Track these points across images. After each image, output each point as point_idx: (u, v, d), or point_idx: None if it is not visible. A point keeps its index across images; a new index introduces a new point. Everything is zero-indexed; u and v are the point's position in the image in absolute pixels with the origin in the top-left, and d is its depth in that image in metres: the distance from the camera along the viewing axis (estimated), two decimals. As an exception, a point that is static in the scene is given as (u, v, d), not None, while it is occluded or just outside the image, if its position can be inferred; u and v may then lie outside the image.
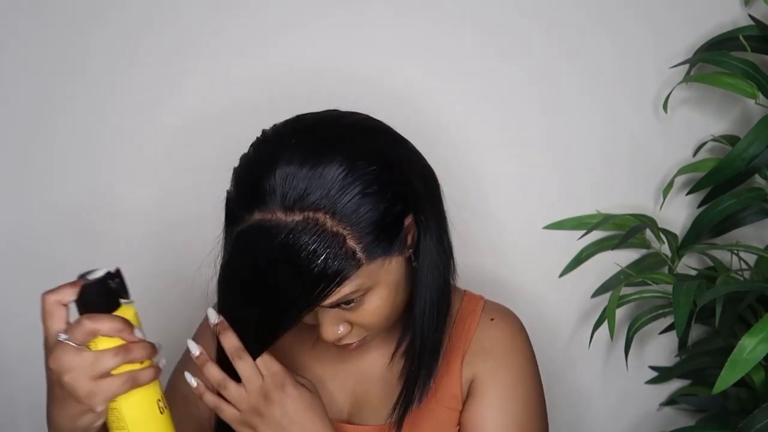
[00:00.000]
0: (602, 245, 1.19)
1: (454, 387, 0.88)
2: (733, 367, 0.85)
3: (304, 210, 0.72)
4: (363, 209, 0.73)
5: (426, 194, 0.81)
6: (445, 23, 1.14)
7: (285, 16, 1.13)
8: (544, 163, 1.19)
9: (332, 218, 0.72)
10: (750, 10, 1.12)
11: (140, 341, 0.70)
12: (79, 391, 0.68)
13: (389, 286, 0.78)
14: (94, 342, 0.69)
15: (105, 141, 1.16)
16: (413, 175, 0.79)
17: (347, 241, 0.73)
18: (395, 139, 0.81)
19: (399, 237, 0.77)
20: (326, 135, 0.76)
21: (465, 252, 0.98)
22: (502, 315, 0.92)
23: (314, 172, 0.72)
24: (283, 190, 0.72)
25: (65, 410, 0.70)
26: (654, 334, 1.23)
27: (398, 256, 0.78)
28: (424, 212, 0.79)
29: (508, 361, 0.88)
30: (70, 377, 0.67)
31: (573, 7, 1.14)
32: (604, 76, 1.16)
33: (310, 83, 1.12)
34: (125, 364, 0.69)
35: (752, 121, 1.06)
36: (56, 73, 1.14)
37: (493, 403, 0.87)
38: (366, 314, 0.78)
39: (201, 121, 1.15)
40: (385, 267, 0.77)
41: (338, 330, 0.79)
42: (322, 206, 0.72)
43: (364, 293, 0.76)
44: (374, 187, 0.74)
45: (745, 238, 1.18)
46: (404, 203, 0.77)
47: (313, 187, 0.72)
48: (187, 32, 1.13)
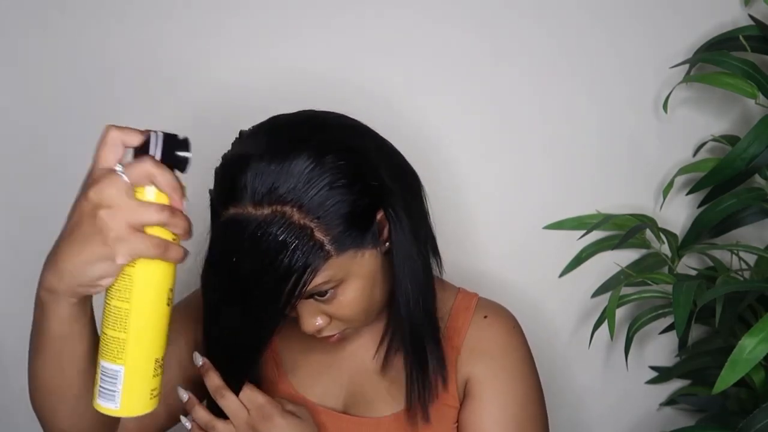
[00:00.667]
0: (602, 245, 1.19)
1: (450, 384, 0.89)
2: (733, 367, 0.85)
3: (272, 204, 0.74)
4: (330, 202, 0.75)
5: (399, 189, 0.81)
6: (445, 24, 1.14)
7: (283, 18, 1.13)
8: (545, 163, 1.19)
9: (299, 211, 0.74)
10: (750, 10, 1.12)
11: (184, 214, 0.66)
12: (111, 232, 0.62)
13: (364, 278, 0.79)
14: (141, 192, 0.64)
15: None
16: (384, 170, 0.80)
17: (314, 233, 0.74)
18: (367, 136, 0.83)
19: (371, 230, 0.78)
20: (296, 132, 0.78)
21: (465, 252, 0.98)
22: (495, 312, 0.92)
23: (282, 166, 0.74)
24: (253, 185, 0.74)
25: (83, 251, 0.63)
26: (654, 334, 1.23)
27: (372, 249, 0.79)
28: (394, 206, 0.80)
29: (505, 361, 0.89)
30: (108, 213, 0.62)
31: (573, 8, 1.14)
32: (605, 76, 1.16)
33: (308, 85, 1.12)
34: (164, 228, 0.64)
35: (752, 121, 1.06)
36: (60, 68, 1.14)
37: (492, 403, 0.87)
38: (342, 307, 0.80)
39: (198, 122, 1.15)
40: (358, 260, 0.78)
41: (316, 322, 0.81)
42: (290, 200, 0.74)
43: (336, 285, 0.78)
44: (342, 180, 0.75)
45: (745, 238, 1.18)
46: (374, 197, 0.78)
47: (280, 182, 0.74)
48: (185, 33, 1.13)
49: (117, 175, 0.63)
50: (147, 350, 0.68)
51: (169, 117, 1.16)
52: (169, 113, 1.15)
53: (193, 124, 1.15)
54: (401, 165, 0.85)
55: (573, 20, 1.14)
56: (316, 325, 0.81)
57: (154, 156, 0.64)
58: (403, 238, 0.81)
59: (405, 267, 0.81)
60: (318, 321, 0.81)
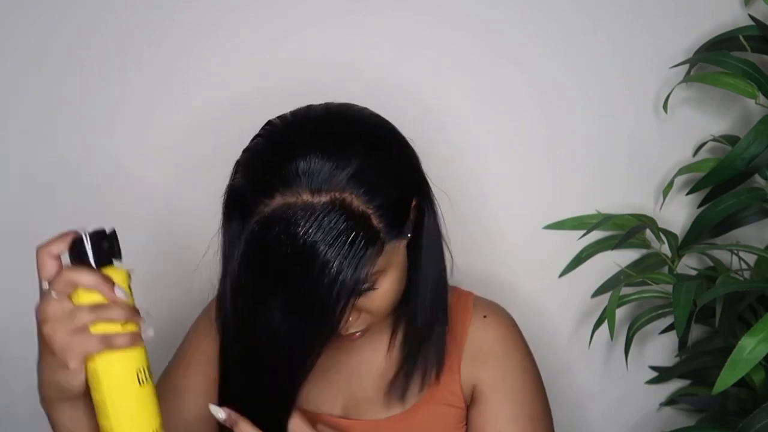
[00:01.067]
0: (602, 245, 1.19)
1: (454, 385, 0.89)
2: (733, 367, 0.85)
3: (332, 190, 0.72)
4: (384, 190, 0.74)
5: (425, 181, 0.83)
6: (446, 23, 1.14)
7: (285, 17, 1.13)
8: (545, 163, 1.19)
9: (358, 198, 0.72)
10: (750, 10, 1.12)
11: (121, 301, 0.68)
12: (56, 343, 0.67)
13: (399, 269, 0.79)
14: (78, 296, 0.68)
15: (109, 145, 1.16)
16: (417, 162, 0.82)
17: (372, 221, 0.73)
18: (396, 130, 0.83)
19: (409, 220, 0.79)
20: (343, 121, 0.78)
21: (464, 252, 0.98)
22: (493, 312, 0.93)
23: (338, 154, 0.73)
24: (309, 172, 0.72)
25: (45, 364, 0.70)
26: (654, 334, 1.23)
27: (405, 240, 0.79)
28: (428, 195, 0.82)
29: (510, 361, 0.89)
30: (48, 328, 0.67)
31: (573, 8, 1.14)
32: (605, 76, 1.16)
33: (309, 83, 1.12)
34: (103, 322, 0.68)
35: (752, 121, 1.06)
36: (62, 67, 1.14)
37: (504, 403, 0.88)
38: (378, 298, 0.78)
39: (205, 118, 1.15)
40: (396, 249, 0.78)
41: (350, 317, 0.79)
42: (349, 187, 0.72)
43: (377, 276, 0.77)
44: (394, 169, 0.76)
45: (745, 238, 1.18)
46: (414, 187, 0.79)
47: (338, 169, 0.72)
48: (191, 28, 1.13)
49: (46, 292, 0.68)
50: (134, 429, 0.71)
51: (169, 117, 1.16)
52: (168, 113, 1.15)
53: (193, 124, 1.16)
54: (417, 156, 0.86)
55: (573, 20, 1.14)
56: (349, 320, 0.79)
57: (88, 255, 0.68)
58: (433, 228, 0.82)
59: (431, 255, 0.82)
60: (351, 316, 0.78)
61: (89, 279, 0.67)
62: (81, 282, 0.67)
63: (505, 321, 0.92)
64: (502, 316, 0.93)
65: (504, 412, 0.87)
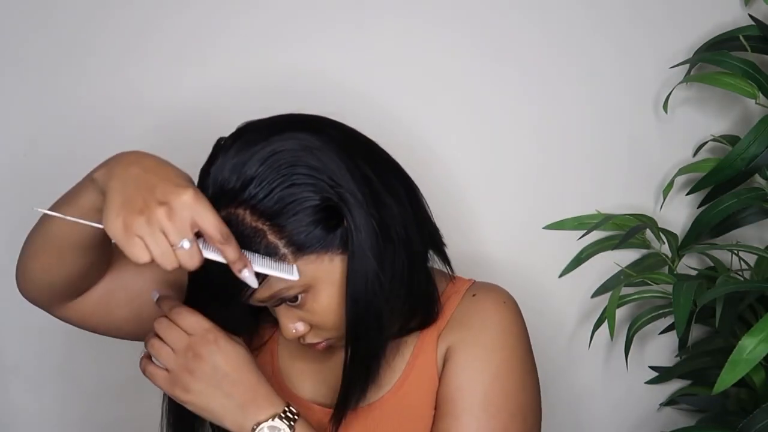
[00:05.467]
0: (602, 245, 1.18)
1: (430, 368, 0.85)
2: (733, 368, 0.85)
3: (228, 206, 0.74)
4: (283, 203, 0.74)
5: (367, 192, 0.77)
6: (445, 25, 1.14)
7: (282, 21, 1.13)
8: (545, 163, 1.19)
9: (252, 213, 0.74)
10: (750, 10, 1.12)
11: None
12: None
13: (335, 284, 0.77)
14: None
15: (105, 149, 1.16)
16: (350, 173, 0.77)
17: (267, 236, 0.74)
18: (333, 134, 0.79)
19: (337, 233, 0.76)
20: (256, 134, 0.77)
21: (464, 252, 0.98)
22: (486, 290, 0.88)
23: (236, 168, 0.74)
24: (213, 187, 0.75)
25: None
26: (654, 334, 1.23)
27: (340, 254, 0.77)
28: (351, 209, 0.76)
29: (485, 331, 0.84)
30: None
31: (573, 8, 1.14)
32: (605, 76, 1.16)
33: (306, 87, 1.12)
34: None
35: (752, 121, 1.06)
36: (62, 67, 1.14)
37: (462, 370, 0.83)
38: (316, 313, 0.79)
39: (200, 123, 1.15)
40: (326, 265, 0.76)
41: (294, 328, 0.80)
42: (243, 201, 0.73)
43: (304, 291, 0.77)
44: (295, 180, 0.74)
45: (745, 238, 1.18)
46: (335, 198, 0.75)
47: (233, 183, 0.74)
48: (189, 33, 1.13)
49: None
50: None
51: (167, 118, 1.16)
52: (167, 114, 1.15)
53: (192, 127, 1.15)
54: (382, 163, 0.81)
55: (573, 20, 1.14)
56: (293, 332, 0.80)
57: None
58: (358, 246, 0.76)
59: (355, 275, 0.77)
60: (297, 327, 0.80)
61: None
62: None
63: (496, 297, 0.87)
64: (495, 293, 0.88)
65: (460, 379, 0.82)
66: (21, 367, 1.23)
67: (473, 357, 0.83)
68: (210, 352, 0.77)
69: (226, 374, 0.77)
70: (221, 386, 0.77)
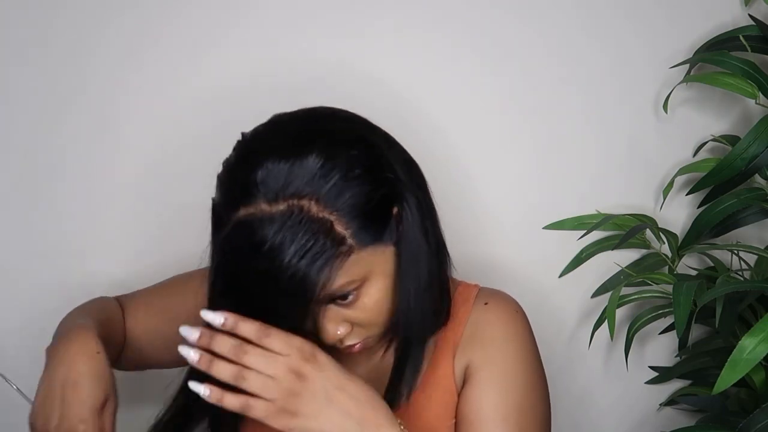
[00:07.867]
0: (602, 245, 1.18)
1: (448, 380, 0.86)
2: (733, 367, 0.85)
3: (288, 198, 0.72)
4: (347, 193, 0.73)
5: (409, 181, 0.80)
6: (445, 25, 1.14)
7: (285, 18, 1.13)
8: (545, 163, 1.19)
9: (317, 204, 0.72)
10: (750, 10, 1.12)
11: None
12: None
13: (386, 277, 0.77)
14: None
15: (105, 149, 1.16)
16: (395, 161, 0.79)
17: (335, 227, 0.72)
18: (372, 128, 0.81)
19: (389, 225, 0.76)
20: (303, 126, 0.77)
21: (464, 252, 0.98)
22: (496, 299, 0.89)
23: (294, 160, 0.72)
24: (265, 182, 0.72)
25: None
26: (654, 334, 1.23)
27: (392, 246, 0.77)
28: (407, 199, 0.78)
29: (505, 346, 0.86)
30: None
31: (573, 8, 1.14)
32: (605, 75, 1.16)
33: (310, 85, 1.12)
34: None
35: (752, 121, 1.06)
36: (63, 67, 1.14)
37: (492, 388, 0.84)
38: (366, 309, 0.77)
39: (197, 124, 1.15)
40: (379, 256, 0.76)
41: (338, 330, 0.78)
42: (306, 193, 0.72)
43: (359, 285, 0.75)
44: (356, 171, 0.74)
45: (745, 238, 1.18)
46: (388, 187, 0.76)
47: (294, 176, 0.72)
48: (193, 29, 1.13)
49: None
50: None
51: (169, 118, 1.16)
52: (167, 115, 1.15)
53: (192, 127, 1.15)
54: (406, 155, 0.83)
55: (573, 20, 1.14)
56: (338, 334, 0.77)
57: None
58: (413, 233, 0.78)
59: (411, 263, 0.78)
60: (340, 329, 0.77)
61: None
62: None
63: (508, 307, 0.89)
64: (505, 303, 0.89)
65: (492, 399, 0.83)
66: (21, 368, 1.22)
67: (496, 378, 0.84)
68: (313, 370, 0.73)
69: (341, 389, 0.73)
70: (336, 404, 0.73)
